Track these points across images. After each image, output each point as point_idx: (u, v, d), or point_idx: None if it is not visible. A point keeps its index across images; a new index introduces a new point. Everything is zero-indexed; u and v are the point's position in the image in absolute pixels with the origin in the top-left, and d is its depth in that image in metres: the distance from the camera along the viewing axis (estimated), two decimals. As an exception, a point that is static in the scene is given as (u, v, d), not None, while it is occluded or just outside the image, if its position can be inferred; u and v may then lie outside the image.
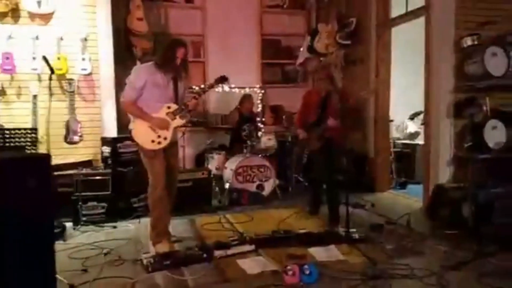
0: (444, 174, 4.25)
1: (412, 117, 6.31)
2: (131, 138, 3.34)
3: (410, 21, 5.03)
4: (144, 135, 3.16)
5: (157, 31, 5.98)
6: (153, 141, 3.14)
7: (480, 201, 3.57)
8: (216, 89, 6.22)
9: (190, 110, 3.32)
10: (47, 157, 2.38)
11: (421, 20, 4.60)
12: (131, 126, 3.24)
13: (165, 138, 3.17)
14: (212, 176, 4.79)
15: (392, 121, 5.62)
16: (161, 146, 3.16)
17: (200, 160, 5.86)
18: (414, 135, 6.28)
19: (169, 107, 3.19)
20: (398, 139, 6.22)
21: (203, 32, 6.46)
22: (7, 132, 3.95)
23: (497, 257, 2.94)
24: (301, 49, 6.53)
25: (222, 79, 3.44)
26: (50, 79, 3.49)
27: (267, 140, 5.27)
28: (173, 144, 3.34)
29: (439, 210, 3.85)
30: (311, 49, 6.24)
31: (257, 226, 3.81)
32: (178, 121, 3.22)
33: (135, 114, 3.19)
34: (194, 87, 5.97)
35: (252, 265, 2.87)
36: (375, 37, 5.41)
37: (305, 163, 4.26)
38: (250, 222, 4.04)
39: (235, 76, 6.34)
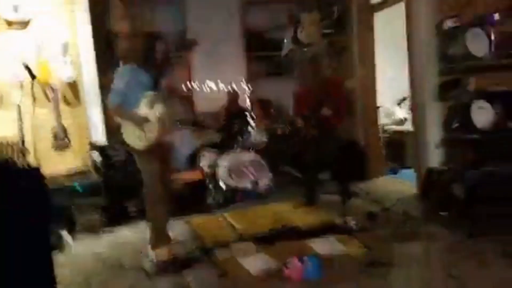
0: (434, 157, 4.29)
1: (399, 103, 6.36)
2: (123, 142, 3.29)
3: (393, 6, 5.04)
4: (131, 134, 3.10)
5: (138, 31, 5.89)
6: (140, 140, 3.08)
7: (470, 182, 3.64)
8: (204, 89, 6.19)
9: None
10: (37, 169, 2.34)
11: (403, 4, 4.61)
12: (122, 129, 3.19)
13: (150, 131, 3.04)
14: (205, 174, 4.77)
15: (379, 107, 5.66)
16: (149, 142, 3.05)
17: (192, 159, 5.82)
18: (402, 121, 6.34)
19: (145, 97, 3.09)
20: (387, 125, 6.27)
21: (185, 29, 6.37)
22: (-8, 144, 3.86)
23: (490, 235, 3.00)
24: (285, 40, 6.50)
25: (187, 44, 3.32)
26: (32, 86, 3.41)
27: (257, 135, 5.26)
28: (165, 144, 3.29)
29: (432, 193, 3.92)
30: (295, 39, 6.22)
31: (254, 223, 3.81)
32: (158, 108, 3.06)
33: (123, 117, 3.12)
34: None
35: (253, 262, 2.87)
36: (357, 23, 5.42)
37: (298, 153, 4.25)
38: (247, 219, 4.01)
39: (220, 72, 6.35)
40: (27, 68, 3.42)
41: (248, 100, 6.39)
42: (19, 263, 2.03)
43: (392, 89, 6.16)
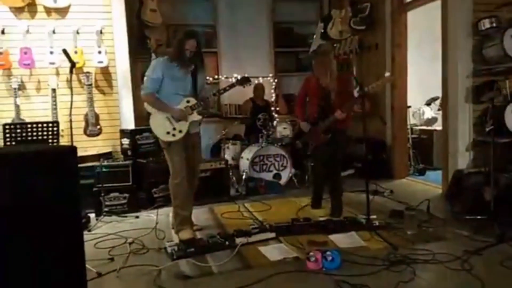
0: (463, 159, 4.21)
1: (428, 103, 6.24)
2: (150, 130, 3.39)
3: (426, 5, 4.94)
4: (160, 126, 3.19)
5: (170, 23, 6.01)
6: (168, 133, 3.17)
7: (502, 186, 3.54)
8: (229, 79, 6.25)
9: (209, 107, 3.35)
10: (73, 149, 2.42)
11: (438, 3, 4.52)
12: (151, 120, 3.27)
13: (180, 131, 3.18)
14: (229, 166, 4.82)
15: (409, 107, 5.56)
16: (175, 138, 3.18)
17: (215, 150, 5.90)
18: (431, 121, 6.22)
19: (188, 101, 3.22)
20: (415, 125, 6.16)
21: (215, 22, 6.45)
22: (29, 126, 4.03)
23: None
24: (314, 36, 6.48)
25: (244, 80, 3.46)
26: (71, 72, 3.52)
27: (282, 129, 5.28)
28: (194, 135, 3.36)
29: (459, 196, 3.83)
30: (324, 35, 6.19)
31: (276, 215, 3.84)
32: (195, 116, 3.24)
33: (155, 106, 3.22)
34: (208, 78, 6.03)
35: (274, 252, 2.90)
36: (390, 22, 5.34)
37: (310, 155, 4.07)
38: (269, 210, 4.07)
39: (248, 65, 6.40)
40: (67, 55, 3.51)
41: (274, 94, 6.41)
42: (52, 240, 2.11)
43: (422, 88, 6.05)
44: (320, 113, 3.66)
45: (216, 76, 6.34)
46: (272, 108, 6.12)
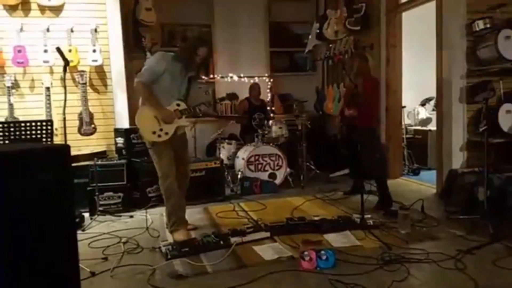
0: (457, 159, 4.23)
1: (423, 103, 6.27)
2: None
3: (421, 5, 4.96)
4: (147, 124, 3.12)
5: (165, 22, 5.99)
6: (154, 133, 3.12)
7: (495, 185, 3.56)
8: (225, 79, 6.25)
9: (199, 116, 3.38)
10: (67, 147, 2.41)
11: (432, 4, 4.54)
12: (137, 120, 3.19)
13: (166, 133, 3.14)
14: (224, 165, 4.82)
15: (404, 107, 5.59)
16: (161, 139, 3.13)
17: (211, 149, 5.89)
18: (426, 121, 6.25)
19: (178, 105, 3.18)
20: (410, 125, 6.19)
21: (211, 22, 6.44)
22: (23, 124, 4.00)
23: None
24: (310, 36, 6.49)
25: (232, 96, 3.65)
26: (65, 70, 3.49)
27: (277, 129, 5.27)
28: (180, 136, 3.32)
29: (453, 195, 3.85)
30: (320, 36, 6.20)
31: (271, 214, 3.84)
32: (183, 121, 3.22)
33: (146, 96, 3.10)
34: (204, 77, 6.03)
35: (268, 251, 2.90)
36: (385, 22, 5.35)
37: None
38: (264, 210, 4.07)
39: (243, 65, 6.40)
40: (60, 53, 3.48)
41: (269, 94, 6.41)
42: (45, 239, 2.10)
43: (417, 89, 6.08)
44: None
45: (212, 76, 6.33)
46: (268, 108, 6.12)
